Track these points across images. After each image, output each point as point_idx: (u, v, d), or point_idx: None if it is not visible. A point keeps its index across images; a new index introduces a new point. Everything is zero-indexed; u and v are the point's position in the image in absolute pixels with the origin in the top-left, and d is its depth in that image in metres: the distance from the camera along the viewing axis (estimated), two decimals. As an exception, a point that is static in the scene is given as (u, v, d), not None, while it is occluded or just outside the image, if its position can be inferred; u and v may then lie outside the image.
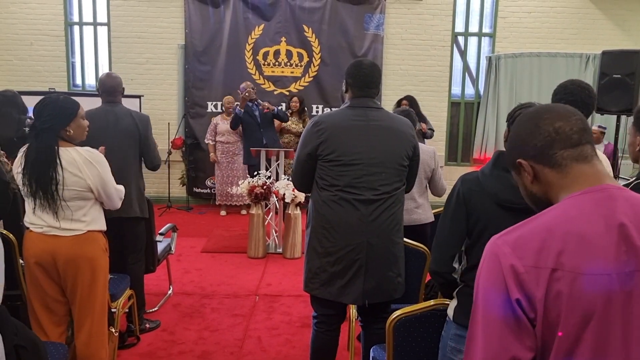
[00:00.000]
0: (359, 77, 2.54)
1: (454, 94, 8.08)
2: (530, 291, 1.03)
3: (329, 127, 2.49)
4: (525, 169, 1.19)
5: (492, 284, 1.08)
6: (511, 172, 1.28)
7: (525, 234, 1.08)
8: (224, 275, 4.93)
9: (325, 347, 2.70)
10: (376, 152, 2.49)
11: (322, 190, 2.53)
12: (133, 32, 7.71)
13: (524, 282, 1.04)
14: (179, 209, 7.63)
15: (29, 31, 7.73)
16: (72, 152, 2.57)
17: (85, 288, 2.63)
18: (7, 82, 7.59)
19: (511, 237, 1.09)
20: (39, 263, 2.58)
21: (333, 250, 2.50)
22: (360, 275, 2.48)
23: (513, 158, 1.22)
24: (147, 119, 3.65)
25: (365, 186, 2.47)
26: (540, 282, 1.03)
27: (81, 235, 2.60)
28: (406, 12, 7.77)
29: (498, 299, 1.06)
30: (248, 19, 7.61)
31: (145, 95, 7.50)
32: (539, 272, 1.03)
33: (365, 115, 2.52)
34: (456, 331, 1.95)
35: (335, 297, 2.54)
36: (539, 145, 1.15)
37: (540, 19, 7.79)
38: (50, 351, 2.39)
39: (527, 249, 1.05)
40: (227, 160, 7.12)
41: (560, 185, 1.14)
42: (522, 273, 1.04)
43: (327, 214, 2.51)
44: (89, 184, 2.57)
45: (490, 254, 1.10)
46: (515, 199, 1.84)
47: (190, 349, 3.50)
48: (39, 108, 2.54)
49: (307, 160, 2.53)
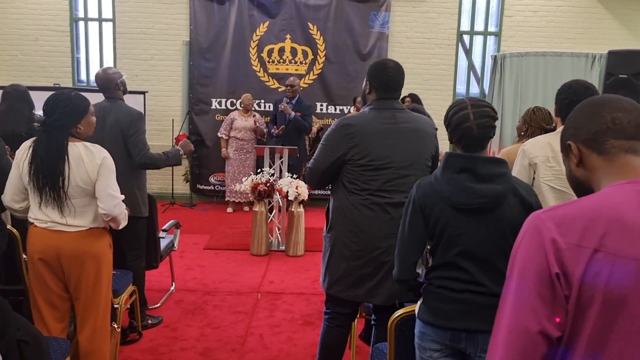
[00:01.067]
0: (385, 79, 2.52)
1: (458, 92, 8.07)
2: (569, 268, 1.04)
3: (359, 131, 2.46)
4: (573, 151, 1.19)
5: (531, 257, 1.08)
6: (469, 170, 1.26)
7: (571, 212, 1.08)
8: (227, 272, 4.94)
9: (336, 343, 2.72)
10: (406, 155, 2.48)
11: (351, 195, 2.51)
12: (138, 28, 7.71)
13: (564, 258, 1.04)
14: (182, 205, 7.64)
15: (35, 26, 7.74)
16: (80, 147, 2.58)
17: (89, 284, 2.64)
18: (12, 77, 7.61)
19: (556, 214, 1.09)
20: (43, 258, 2.58)
21: (362, 254, 2.50)
22: (390, 277, 2.46)
23: (565, 139, 1.22)
24: (137, 115, 3.51)
25: (396, 189, 2.46)
26: (581, 261, 1.03)
27: (85, 231, 2.61)
28: (411, 10, 7.75)
29: (536, 271, 1.06)
30: (253, 16, 7.60)
31: (150, 92, 7.52)
32: (580, 251, 1.03)
33: (394, 118, 2.50)
34: (420, 328, 1.95)
35: (364, 299, 2.56)
36: (593, 130, 1.16)
37: (546, 18, 7.76)
38: (53, 346, 2.39)
39: (571, 227, 1.06)
40: (240, 157, 7.15)
41: (604, 172, 1.15)
42: (563, 249, 1.04)
43: (356, 218, 2.49)
44: (91, 178, 2.57)
45: (533, 228, 1.10)
46: (468, 200, 1.83)
47: (192, 346, 3.50)
48: (52, 104, 2.53)
49: (334, 162, 2.50)
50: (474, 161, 1.85)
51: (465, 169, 1.84)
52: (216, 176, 7.79)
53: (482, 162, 1.84)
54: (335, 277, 2.58)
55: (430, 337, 1.91)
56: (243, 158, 7.16)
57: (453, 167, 1.87)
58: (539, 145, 2.61)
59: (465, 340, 1.86)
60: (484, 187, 1.82)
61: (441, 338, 1.88)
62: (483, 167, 1.84)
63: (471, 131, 1.86)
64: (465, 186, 1.83)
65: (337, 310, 2.68)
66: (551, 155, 2.56)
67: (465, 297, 1.85)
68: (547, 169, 2.56)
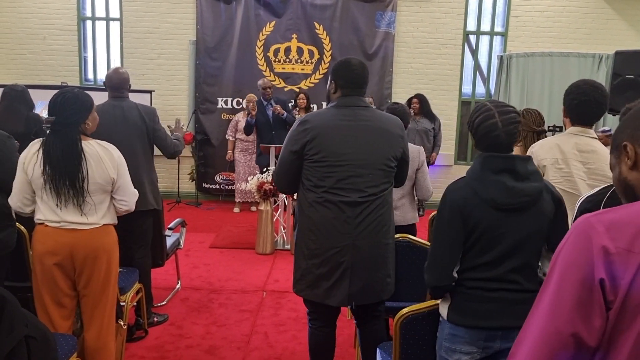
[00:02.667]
0: (349, 77, 2.50)
1: (464, 92, 8.05)
2: (617, 273, 1.01)
3: (316, 127, 2.44)
4: (628, 153, 1.15)
5: (576, 259, 1.06)
6: (613, 154, 1.22)
7: (623, 217, 1.05)
8: (232, 270, 4.96)
9: (320, 344, 2.69)
10: (363, 153, 2.43)
11: (307, 192, 2.49)
12: (145, 28, 7.74)
13: (613, 263, 1.01)
14: (188, 204, 7.67)
15: (42, 25, 7.79)
16: (95, 145, 2.60)
17: (100, 281, 2.65)
18: (20, 75, 7.66)
19: (606, 218, 1.06)
20: (55, 259, 2.57)
21: (318, 252, 2.47)
22: (346, 278, 2.44)
23: (620, 140, 1.18)
24: (154, 111, 3.65)
25: (352, 188, 2.42)
26: (630, 266, 1.00)
27: (98, 229, 2.62)
28: (418, 10, 7.74)
29: (579, 275, 1.04)
30: (259, 15, 7.62)
31: (156, 91, 7.54)
32: (630, 256, 1.01)
33: (354, 115, 2.47)
34: (450, 330, 1.95)
35: (321, 299, 2.51)
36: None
37: (553, 18, 7.74)
38: (60, 343, 2.41)
39: (622, 232, 1.03)
40: (245, 157, 7.17)
41: None
42: (613, 254, 1.02)
43: (312, 216, 2.47)
44: (111, 176, 2.60)
45: (581, 231, 1.07)
46: (513, 200, 1.85)
47: (197, 343, 3.52)
48: (60, 103, 2.54)
49: (293, 159, 2.49)
50: (512, 161, 1.87)
51: (505, 169, 1.86)
52: (222, 175, 7.81)
53: (519, 161, 1.87)
54: (297, 276, 2.57)
55: (463, 339, 1.90)
56: (249, 158, 7.18)
57: (491, 168, 1.88)
58: (547, 147, 2.59)
59: (500, 338, 1.88)
60: (525, 186, 1.85)
61: (475, 339, 1.89)
62: (520, 166, 1.86)
63: (499, 139, 1.88)
64: (508, 186, 1.85)
65: (314, 309, 2.64)
66: (560, 157, 2.54)
67: (499, 295, 1.87)
68: (556, 171, 2.54)
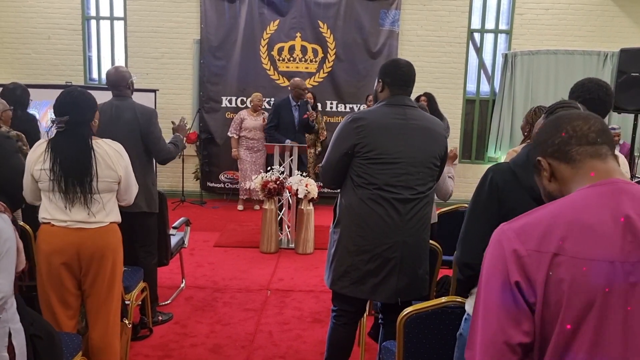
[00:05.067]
0: (398, 75, 2.54)
1: (469, 91, 8.03)
2: (531, 274, 1.06)
3: (369, 125, 2.47)
4: (543, 166, 1.23)
5: (493, 268, 1.12)
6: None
7: (531, 220, 1.12)
8: (236, 269, 4.96)
9: (343, 341, 2.71)
10: (414, 152, 2.48)
11: (358, 188, 2.51)
12: (149, 27, 7.75)
13: (525, 265, 1.07)
14: (192, 203, 7.68)
15: (47, 25, 7.81)
16: (102, 144, 2.61)
17: (105, 280, 2.66)
18: (24, 75, 7.68)
19: (517, 224, 1.14)
20: (62, 259, 2.58)
21: (368, 249, 2.49)
22: (395, 274, 2.48)
23: (533, 158, 1.26)
24: (151, 112, 3.56)
25: (404, 185, 2.46)
26: (541, 266, 1.05)
27: (104, 227, 2.63)
28: (422, 9, 7.73)
29: (498, 282, 1.10)
30: (263, 14, 7.61)
31: (160, 90, 7.55)
32: (540, 256, 1.06)
33: (405, 114, 2.51)
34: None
35: (367, 295, 2.55)
36: (557, 142, 1.20)
37: (557, 16, 7.71)
38: (65, 341, 2.42)
39: (531, 234, 1.09)
40: (251, 155, 7.16)
41: (573, 180, 1.18)
42: (523, 256, 1.07)
43: (363, 212, 2.49)
44: (120, 174, 2.61)
45: (495, 240, 1.15)
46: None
47: (202, 342, 3.52)
48: (71, 102, 2.54)
49: (344, 157, 2.51)
50: None
51: None
52: (226, 174, 7.82)
53: None
54: (339, 272, 2.57)
55: None
56: (254, 157, 7.18)
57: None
58: None
59: None
60: None
61: None
62: None
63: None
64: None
65: (343, 307, 2.67)
66: None
67: None
68: None
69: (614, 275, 1.02)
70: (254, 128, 7.07)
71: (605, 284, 1.02)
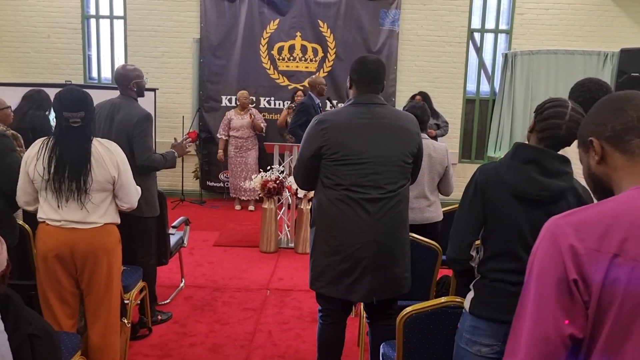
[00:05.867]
0: (364, 73, 2.52)
1: (469, 90, 8.02)
2: (588, 274, 1.02)
3: (333, 126, 2.47)
4: (595, 148, 1.17)
5: (549, 263, 1.07)
6: (579, 149, 1.24)
7: (590, 217, 1.06)
8: (236, 269, 4.96)
9: (331, 340, 2.71)
10: (382, 151, 2.46)
11: (327, 189, 2.51)
12: (149, 26, 7.75)
13: (583, 264, 1.03)
14: (192, 202, 7.67)
15: (46, 24, 7.80)
16: (95, 143, 2.60)
17: (102, 280, 2.66)
18: (24, 74, 7.68)
19: (574, 219, 1.07)
20: (56, 256, 2.58)
21: (340, 249, 2.49)
22: (368, 273, 2.47)
23: (585, 135, 1.20)
24: (145, 116, 3.46)
25: (372, 185, 2.45)
26: (600, 266, 1.01)
27: (98, 228, 2.62)
28: (422, 8, 7.72)
29: (553, 277, 1.05)
30: (263, 13, 7.61)
31: (160, 89, 7.54)
32: (599, 256, 1.02)
33: (371, 113, 2.50)
34: (472, 322, 1.94)
35: (342, 295, 2.54)
36: (618, 128, 1.13)
37: (558, 16, 7.70)
38: (64, 341, 2.41)
39: (590, 232, 1.04)
40: (240, 155, 7.14)
41: (627, 172, 1.12)
42: (582, 255, 1.03)
43: (333, 213, 2.49)
44: (113, 175, 2.59)
45: (550, 234, 1.09)
46: (532, 191, 1.85)
47: (201, 342, 3.52)
48: (77, 99, 2.53)
49: (311, 159, 2.52)
50: (542, 154, 1.86)
51: (533, 160, 1.86)
52: (226, 173, 7.81)
53: (551, 157, 1.87)
54: (316, 272, 2.59)
55: (485, 332, 1.90)
56: (245, 156, 7.14)
57: (521, 157, 1.88)
58: None
59: None
60: (548, 181, 1.85)
61: (497, 332, 1.89)
62: (551, 163, 1.86)
63: (559, 130, 1.87)
64: (530, 177, 1.85)
65: (327, 306, 2.67)
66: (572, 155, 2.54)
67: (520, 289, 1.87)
68: None
69: None
70: (241, 127, 7.02)
71: None
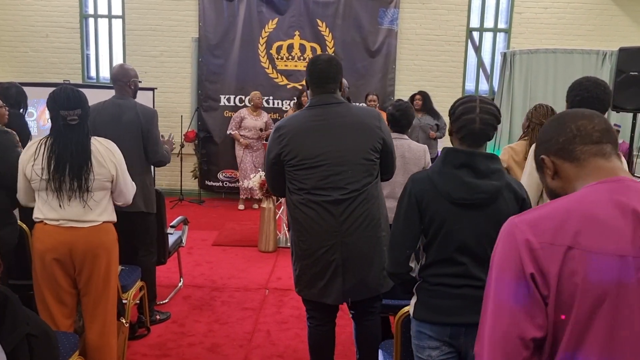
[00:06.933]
0: (314, 74, 2.49)
1: (467, 89, 8.02)
2: (544, 267, 1.06)
3: (289, 132, 2.47)
4: (547, 164, 1.23)
5: (506, 261, 1.11)
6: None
7: (544, 214, 1.12)
8: (235, 268, 4.95)
9: (319, 343, 2.71)
10: (340, 151, 2.44)
11: (292, 194, 2.52)
12: (147, 25, 7.74)
13: (539, 257, 1.07)
14: (190, 201, 7.67)
15: (45, 23, 7.79)
16: (94, 141, 2.60)
17: (100, 279, 2.65)
18: (22, 73, 7.67)
19: (529, 217, 1.13)
20: (54, 255, 2.58)
21: (309, 253, 2.50)
22: (339, 275, 2.47)
23: (537, 156, 1.27)
24: (153, 113, 3.55)
25: (332, 186, 2.43)
26: (555, 259, 1.05)
27: (97, 227, 2.62)
28: (421, 7, 7.72)
29: (511, 274, 1.09)
30: (262, 12, 7.60)
31: (159, 88, 7.53)
32: (554, 249, 1.06)
33: (325, 114, 2.48)
34: (417, 327, 1.94)
35: (317, 297, 2.55)
36: (561, 140, 1.20)
37: (556, 15, 7.70)
38: (61, 340, 2.41)
39: (544, 227, 1.09)
40: (250, 154, 7.14)
41: (578, 177, 1.18)
42: (537, 249, 1.07)
43: (299, 218, 2.50)
44: (112, 173, 2.59)
45: (507, 233, 1.14)
46: (468, 195, 1.84)
47: (199, 341, 3.52)
48: (73, 97, 2.53)
49: (273, 166, 2.53)
50: (473, 157, 1.86)
51: (464, 164, 1.85)
52: (225, 173, 7.81)
53: (482, 158, 1.86)
54: (295, 276, 2.61)
55: (429, 335, 1.90)
56: (253, 156, 7.16)
57: (452, 162, 1.87)
58: None
59: (465, 335, 1.87)
60: (482, 183, 1.84)
61: (441, 335, 1.88)
62: (482, 163, 1.85)
63: (473, 124, 1.86)
64: (465, 181, 1.85)
65: (311, 308, 2.68)
66: None
67: (464, 291, 1.86)
68: None
69: (625, 269, 1.03)
70: (253, 128, 7.05)
71: (617, 278, 1.03)
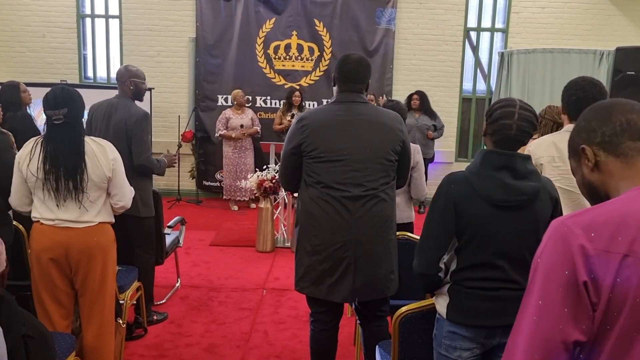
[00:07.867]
0: (343, 72, 2.51)
1: (465, 89, 8.03)
2: (599, 275, 1.01)
3: (312, 123, 2.46)
4: (587, 156, 1.17)
5: (557, 264, 1.05)
6: (570, 159, 1.24)
7: (598, 218, 1.05)
8: (232, 268, 4.95)
9: (322, 347, 2.67)
10: (361, 148, 2.44)
11: (309, 188, 2.50)
12: (144, 25, 7.72)
13: (594, 264, 1.01)
14: (188, 202, 7.65)
15: (42, 23, 7.77)
16: (89, 141, 2.59)
17: (97, 279, 2.64)
18: (19, 73, 7.64)
19: (582, 219, 1.06)
20: (50, 255, 2.57)
21: (321, 248, 2.47)
22: (350, 273, 2.44)
23: (576, 144, 1.20)
24: (143, 115, 3.46)
25: (351, 182, 2.42)
26: (610, 267, 1.00)
27: (92, 227, 2.61)
28: (418, 7, 7.72)
29: (561, 279, 1.04)
30: (259, 12, 7.59)
31: (156, 88, 7.52)
32: (609, 257, 1.01)
33: (350, 110, 2.48)
34: (450, 328, 1.94)
35: (324, 296, 2.51)
36: (608, 133, 1.13)
37: (554, 15, 7.71)
38: (58, 341, 2.40)
39: (599, 233, 1.03)
40: (238, 154, 7.10)
41: (623, 175, 1.12)
42: (592, 256, 1.01)
43: (314, 212, 2.48)
44: (106, 173, 2.58)
45: (559, 235, 1.07)
46: (509, 197, 1.84)
47: (197, 342, 3.51)
48: (67, 97, 2.53)
49: (293, 157, 2.51)
50: (513, 159, 1.86)
51: (505, 166, 1.85)
52: (222, 173, 7.80)
53: (520, 160, 1.87)
54: (300, 273, 2.58)
55: (463, 336, 1.90)
56: (242, 156, 7.09)
57: (492, 164, 1.87)
58: (544, 146, 2.61)
59: (501, 335, 1.89)
60: (523, 184, 1.85)
61: (477, 336, 1.88)
62: (521, 165, 1.86)
63: (510, 130, 1.86)
64: (506, 183, 1.85)
65: (316, 309, 2.63)
66: (557, 155, 2.55)
67: (501, 294, 1.87)
68: (553, 169, 2.56)
69: None
70: (239, 127, 6.99)
71: None
